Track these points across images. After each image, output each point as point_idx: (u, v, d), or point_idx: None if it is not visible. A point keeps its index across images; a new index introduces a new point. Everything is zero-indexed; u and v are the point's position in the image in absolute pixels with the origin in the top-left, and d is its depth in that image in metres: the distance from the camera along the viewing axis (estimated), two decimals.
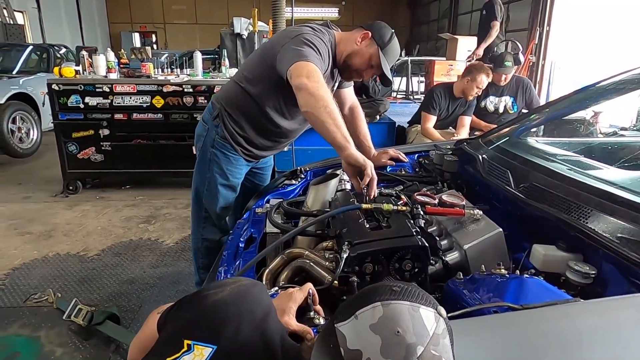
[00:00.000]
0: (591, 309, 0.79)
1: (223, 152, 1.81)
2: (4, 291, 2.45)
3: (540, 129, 2.70)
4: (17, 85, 5.40)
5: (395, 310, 0.59)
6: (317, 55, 1.56)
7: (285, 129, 1.84)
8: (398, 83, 10.16)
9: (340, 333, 0.59)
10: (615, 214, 1.04)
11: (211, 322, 0.72)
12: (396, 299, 0.60)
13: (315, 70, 1.48)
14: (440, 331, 0.58)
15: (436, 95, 3.47)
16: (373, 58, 1.70)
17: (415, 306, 0.59)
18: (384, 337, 0.56)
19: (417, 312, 0.58)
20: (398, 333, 0.56)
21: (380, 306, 0.59)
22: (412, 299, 0.60)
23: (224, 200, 1.90)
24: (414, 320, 0.58)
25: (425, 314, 0.59)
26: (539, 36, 8.75)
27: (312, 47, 1.56)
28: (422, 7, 17.49)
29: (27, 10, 12.40)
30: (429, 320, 0.58)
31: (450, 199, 1.27)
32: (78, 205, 3.80)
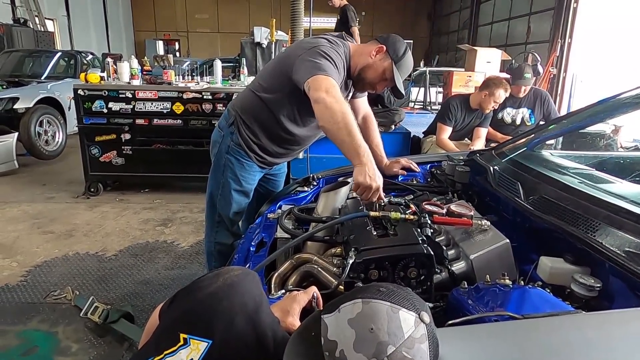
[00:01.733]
0: (591, 322, 0.80)
1: (237, 158, 1.85)
2: (25, 287, 2.54)
3: (558, 142, 2.68)
4: (45, 90, 5.62)
5: (373, 308, 0.61)
6: (334, 67, 1.60)
7: (298, 137, 1.88)
8: (416, 93, 10.16)
9: (324, 323, 0.62)
10: (623, 227, 1.03)
11: (205, 315, 0.74)
12: (378, 298, 0.62)
13: (334, 85, 1.52)
14: (418, 335, 0.60)
15: (452, 107, 3.47)
16: (387, 72, 1.72)
17: (395, 307, 0.61)
18: (358, 332, 0.59)
19: (395, 314, 0.60)
20: (372, 330, 0.59)
21: (361, 302, 0.62)
22: (394, 301, 0.62)
23: (237, 205, 1.93)
24: (391, 320, 0.60)
25: (405, 317, 0.60)
26: (560, 48, 8.66)
27: (329, 60, 1.59)
28: (442, 18, 17.48)
29: (58, 18, 12.89)
30: (407, 323, 0.60)
31: (459, 209, 1.28)
32: (98, 207, 3.92)
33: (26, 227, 3.44)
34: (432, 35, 18.75)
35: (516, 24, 11.17)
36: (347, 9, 5.64)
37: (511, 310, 0.84)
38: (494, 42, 11.99)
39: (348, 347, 0.58)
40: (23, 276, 2.67)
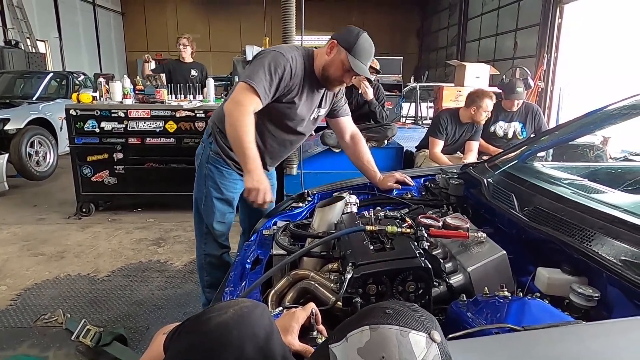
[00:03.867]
0: (592, 332, 0.79)
1: (216, 166, 1.94)
2: (15, 311, 2.48)
3: (549, 154, 2.71)
4: (37, 111, 5.60)
5: (382, 335, 0.59)
6: (266, 77, 1.68)
7: (268, 145, 1.95)
8: (407, 108, 10.28)
9: (332, 354, 0.60)
10: (619, 237, 1.04)
11: (213, 347, 0.72)
12: (386, 323, 0.60)
13: (248, 97, 1.67)
14: (430, 357, 0.57)
15: (442, 120, 3.52)
16: (345, 62, 1.75)
17: (404, 331, 0.59)
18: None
19: (405, 337, 0.58)
20: (383, 358, 0.56)
21: (368, 330, 0.59)
22: (402, 323, 0.60)
23: (220, 214, 1.99)
24: (401, 346, 0.57)
25: (415, 339, 0.58)
26: (547, 63, 8.84)
27: (263, 69, 1.69)
28: (430, 35, 17.83)
29: (49, 39, 12.95)
30: (418, 346, 0.58)
31: (454, 222, 1.29)
32: (90, 227, 3.86)
33: (16, 250, 3.38)
34: (421, 52, 19.08)
35: (503, 40, 11.42)
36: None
37: (511, 322, 0.83)
38: (482, 57, 12.22)
39: None
40: (13, 300, 2.61)
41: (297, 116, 1.87)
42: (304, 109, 1.88)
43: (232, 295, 1.30)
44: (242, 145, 1.66)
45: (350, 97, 3.93)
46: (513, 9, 10.77)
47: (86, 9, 15.43)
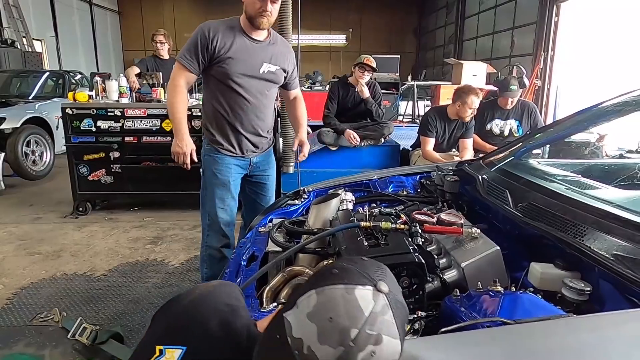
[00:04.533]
0: (582, 325, 0.80)
1: (210, 155, 2.14)
2: (11, 310, 2.47)
3: (545, 151, 2.72)
4: (33, 110, 5.58)
5: (328, 296, 0.60)
6: (186, 49, 1.96)
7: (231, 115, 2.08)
8: (405, 107, 10.29)
9: (287, 322, 0.61)
10: (610, 232, 1.05)
11: (180, 326, 0.75)
12: (331, 284, 0.61)
13: (177, 73, 2.00)
14: (378, 309, 0.58)
15: (430, 119, 3.56)
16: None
17: (350, 288, 0.60)
18: (319, 324, 0.58)
19: (351, 294, 0.59)
20: (331, 319, 0.58)
21: (315, 294, 0.61)
22: (348, 280, 0.60)
23: (220, 200, 2.14)
24: (347, 303, 0.58)
25: (361, 294, 0.59)
26: (544, 61, 8.86)
27: (186, 45, 1.97)
28: (428, 34, 17.84)
29: (46, 38, 12.90)
30: (365, 300, 0.59)
31: (449, 218, 1.29)
32: (87, 226, 3.86)
33: (12, 249, 3.37)
34: (419, 50, 19.09)
35: (500, 38, 11.44)
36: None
37: (503, 316, 0.84)
38: (479, 55, 12.24)
39: (313, 342, 0.57)
40: (9, 299, 2.60)
41: (238, 69, 1.98)
42: (246, 64, 1.99)
43: None
44: (172, 112, 2.02)
45: (346, 95, 3.94)
46: (510, 7, 10.79)
47: (83, 8, 15.37)
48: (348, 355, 0.56)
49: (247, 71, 2.01)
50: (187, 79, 2.01)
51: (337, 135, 3.86)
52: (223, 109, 2.07)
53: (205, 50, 1.93)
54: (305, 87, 8.62)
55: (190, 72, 1.97)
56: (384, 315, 0.59)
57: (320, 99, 4.75)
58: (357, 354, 0.56)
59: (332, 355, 0.57)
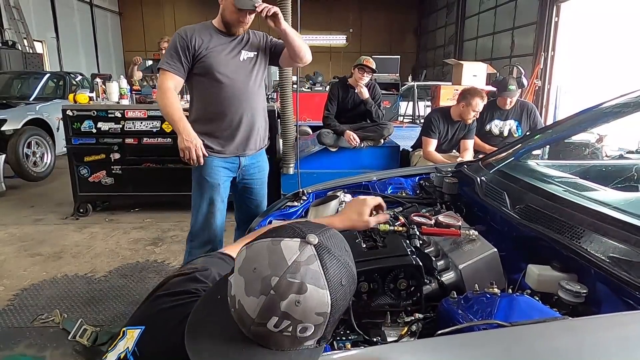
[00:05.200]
0: (578, 327, 0.80)
1: None
2: (12, 311, 2.48)
3: (545, 153, 2.72)
4: (34, 112, 5.59)
5: (254, 249, 0.62)
6: (167, 55, 2.01)
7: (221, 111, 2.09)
8: (405, 107, 10.28)
9: (229, 283, 0.63)
10: (607, 234, 1.05)
11: (141, 309, 0.82)
12: (260, 239, 0.63)
13: (163, 79, 2.01)
14: (303, 258, 0.59)
15: (434, 119, 3.55)
16: (232, 2, 1.93)
17: (276, 240, 0.61)
18: (245, 276, 0.59)
19: (276, 246, 0.60)
20: (255, 270, 0.59)
21: (245, 249, 0.63)
22: (277, 235, 0.62)
23: (209, 204, 2.17)
24: (271, 254, 0.60)
25: (286, 245, 0.60)
26: (544, 61, 8.85)
27: (168, 51, 2.02)
28: (428, 34, 17.82)
29: (47, 40, 12.91)
30: (290, 251, 0.59)
31: (446, 220, 1.30)
32: (87, 228, 3.87)
33: (13, 250, 3.38)
34: (419, 51, 19.07)
35: (500, 38, 11.43)
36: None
37: (499, 319, 0.84)
38: (480, 56, 12.23)
39: (242, 294, 0.59)
40: (10, 300, 2.61)
41: (220, 60, 2.02)
42: (226, 54, 2.04)
43: None
44: (169, 114, 2.00)
45: (346, 96, 3.95)
46: (510, 7, 10.78)
47: (83, 9, 15.38)
48: (270, 303, 0.57)
49: (229, 60, 2.05)
50: (175, 82, 2.02)
51: (336, 136, 3.87)
52: (211, 105, 2.08)
53: (186, 51, 1.98)
54: (305, 87, 8.62)
55: (176, 75, 2.00)
56: (308, 265, 0.59)
57: (321, 100, 4.75)
58: (280, 302, 0.57)
59: (256, 304, 0.57)
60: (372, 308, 1.07)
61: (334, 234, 0.66)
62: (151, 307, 0.80)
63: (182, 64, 2.00)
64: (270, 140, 3.83)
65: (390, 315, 1.05)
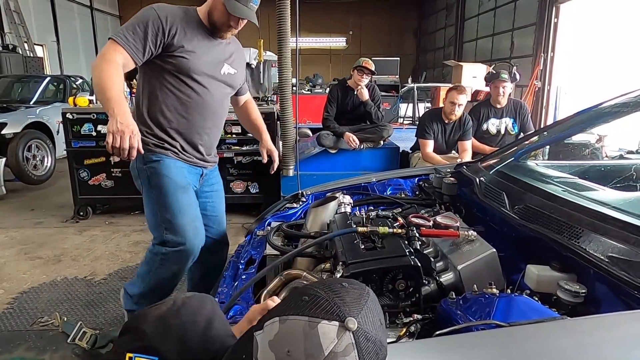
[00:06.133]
0: (577, 327, 0.80)
1: (157, 160, 1.73)
2: (12, 314, 2.48)
3: (544, 153, 2.72)
4: (34, 115, 5.60)
5: (289, 328, 0.57)
6: (128, 28, 1.57)
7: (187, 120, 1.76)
8: (405, 109, 10.30)
9: (255, 341, 0.59)
10: (606, 233, 1.05)
11: (152, 335, 0.74)
12: (296, 314, 0.57)
13: (110, 52, 1.54)
14: (341, 348, 0.55)
15: (426, 121, 3.62)
16: (224, 5, 1.64)
17: (313, 322, 0.56)
18: (277, 355, 0.56)
19: (313, 329, 0.55)
20: (289, 353, 0.55)
21: (278, 322, 0.58)
22: (314, 313, 0.57)
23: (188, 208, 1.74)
24: (308, 338, 0.55)
25: (324, 330, 0.55)
26: (544, 62, 8.86)
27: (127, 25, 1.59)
28: (428, 36, 17.86)
29: (47, 43, 12.95)
30: (327, 338, 0.55)
31: (445, 221, 1.30)
32: (87, 231, 3.87)
33: (13, 253, 3.38)
34: (419, 52, 19.11)
35: (500, 40, 11.44)
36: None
37: (498, 319, 0.84)
38: (479, 57, 12.25)
39: None
40: (9, 303, 2.61)
41: (200, 66, 1.69)
42: (207, 61, 1.71)
43: (226, 296, 1.31)
44: (105, 89, 1.48)
45: (346, 98, 3.95)
46: (509, 9, 10.80)
47: (83, 13, 15.43)
48: None
49: (209, 70, 1.73)
50: (124, 62, 1.57)
51: (336, 138, 3.87)
52: (177, 109, 1.72)
53: (157, 37, 1.59)
54: (305, 89, 8.64)
55: (130, 56, 1.57)
56: (345, 356, 0.55)
57: (320, 102, 4.76)
58: None
59: None
60: None
61: (370, 307, 0.60)
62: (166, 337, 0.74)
63: (145, 49, 1.59)
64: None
65: (388, 316, 1.05)
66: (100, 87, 1.49)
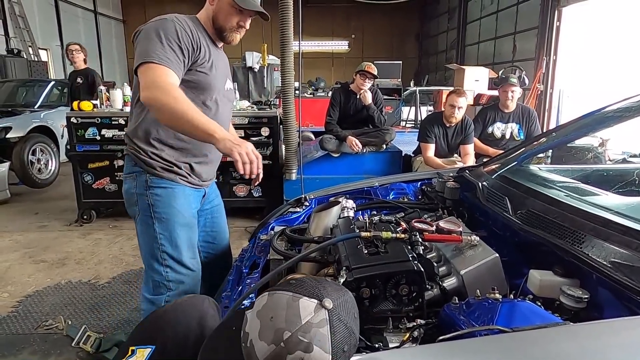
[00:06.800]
0: (580, 333, 0.80)
1: (163, 187, 1.57)
2: (16, 318, 2.50)
3: (547, 158, 2.72)
4: (39, 119, 5.64)
5: (275, 299, 0.67)
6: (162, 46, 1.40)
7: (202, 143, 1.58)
8: (407, 112, 10.30)
9: (245, 317, 0.69)
10: (608, 239, 1.05)
11: (150, 329, 0.87)
12: (283, 290, 0.68)
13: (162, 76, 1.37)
14: (316, 320, 0.64)
15: (428, 125, 3.64)
16: (231, 3, 1.52)
17: (296, 296, 0.67)
18: (262, 322, 0.66)
19: (295, 302, 0.66)
20: (272, 319, 0.65)
21: (267, 295, 0.69)
22: (298, 291, 0.67)
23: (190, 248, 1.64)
24: (289, 308, 0.65)
25: (304, 304, 0.66)
26: (546, 65, 8.85)
27: (154, 41, 1.40)
28: (430, 39, 17.88)
29: (51, 48, 13.03)
30: (306, 310, 0.65)
31: (448, 226, 1.30)
32: (91, 234, 3.88)
33: (18, 257, 3.40)
34: (421, 56, 19.13)
35: (502, 43, 11.45)
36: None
37: (501, 324, 0.84)
38: (482, 60, 12.25)
39: (255, 336, 0.65)
40: (14, 307, 2.62)
41: (216, 82, 1.60)
42: (218, 76, 1.62)
43: (230, 300, 1.32)
44: (189, 118, 1.33)
45: (348, 102, 3.97)
46: (512, 12, 10.81)
47: (88, 17, 15.53)
48: (278, 353, 0.63)
49: (221, 85, 1.64)
50: (174, 81, 1.42)
51: (339, 141, 3.88)
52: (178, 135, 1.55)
53: (189, 51, 1.47)
54: (307, 93, 8.66)
55: (175, 73, 1.42)
56: (319, 328, 0.64)
57: (323, 106, 4.77)
58: (287, 356, 0.62)
59: (266, 350, 0.63)
60: (374, 314, 1.07)
61: (347, 300, 0.71)
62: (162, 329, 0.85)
63: (184, 66, 1.46)
64: (273, 146, 3.88)
65: (392, 321, 1.05)
66: (180, 116, 1.34)
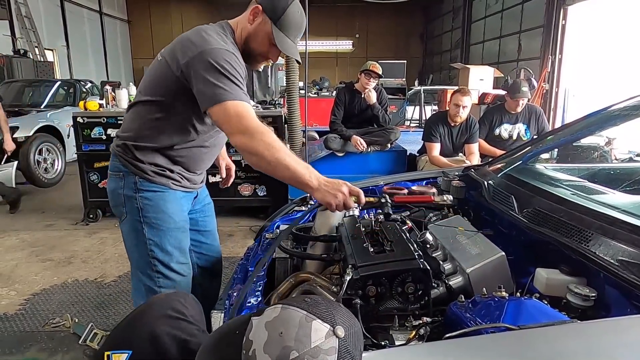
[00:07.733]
0: (587, 331, 0.80)
1: (153, 191, 1.49)
2: (24, 316, 2.52)
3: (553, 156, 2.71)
4: (45, 119, 5.68)
5: (288, 314, 0.64)
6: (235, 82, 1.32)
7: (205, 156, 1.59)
8: (412, 112, 10.29)
9: (251, 323, 0.66)
10: (616, 237, 1.05)
11: (124, 334, 0.84)
12: (297, 307, 0.65)
13: (250, 118, 1.29)
14: (326, 347, 0.62)
15: (433, 125, 3.62)
16: (270, 36, 1.43)
17: (310, 317, 0.64)
18: (270, 334, 0.63)
19: (308, 323, 0.63)
20: (281, 334, 0.62)
21: (280, 308, 0.66)
22: (312, 311, 0.64)
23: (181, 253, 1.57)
24: (301, 328, 0.62)
25: (317, 327, 0.63)
26: (551, 64, 8.81)
27: (226, 77, 1.30)
28: (434, 39, 17.84)
29: (57, 48, 13.12)
30: (317, 334, 0.62)
31: (420, 189, 1.29)
32: (97, 233, 3.91)
33: (25, 256, 3.42)
34: (425, 55, 19.09)
35: (507, 42, 11.40)
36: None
37: (507, 322, 0.84)
38: (486, 60, 12.21)
39: (259, 347, 0.62)
40: (21, 305, 2.65)
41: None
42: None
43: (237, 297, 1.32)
44: (296, 172, 1.27)
45: (353, 101, 3.97)
46: (517, 11, 10.77)
47: (93, 18, 15.62)
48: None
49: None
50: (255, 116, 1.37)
51: (343, 141, 3.89)
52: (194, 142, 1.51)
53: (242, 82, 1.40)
54: (312, 93, 8.66)
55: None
56: (327, 355, 0.62)
57: (327, 105, 4.78)
58: None
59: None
60: (380, 312, 1.08)
61: (357, 332, 0.69)
62: (139, 332, 0.83)
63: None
64: None
65: (398, 319, 1.05)
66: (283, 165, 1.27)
